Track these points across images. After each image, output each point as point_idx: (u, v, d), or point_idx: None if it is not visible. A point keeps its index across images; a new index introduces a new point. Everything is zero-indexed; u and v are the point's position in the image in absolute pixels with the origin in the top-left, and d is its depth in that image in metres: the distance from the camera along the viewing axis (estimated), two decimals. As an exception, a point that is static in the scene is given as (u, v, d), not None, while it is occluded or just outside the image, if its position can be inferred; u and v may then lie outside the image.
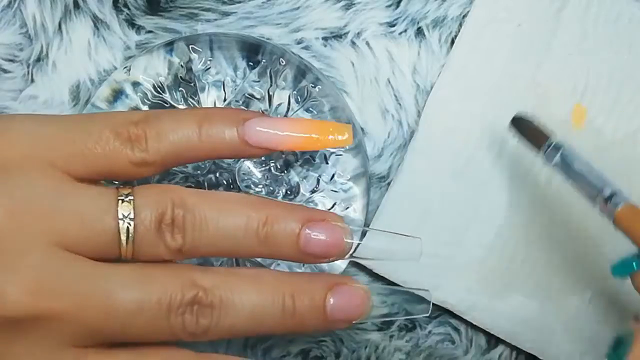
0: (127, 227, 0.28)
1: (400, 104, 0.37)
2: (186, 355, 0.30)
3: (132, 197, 0.28)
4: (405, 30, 0.37)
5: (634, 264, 0.31)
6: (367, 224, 0.37)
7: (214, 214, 0.29)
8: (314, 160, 0.36)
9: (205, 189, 0.36)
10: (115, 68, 0.37)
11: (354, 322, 0.31)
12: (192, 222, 0.29)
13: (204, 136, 0.29)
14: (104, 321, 0.28)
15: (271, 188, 0.36)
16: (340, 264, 0.36)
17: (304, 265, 0.36)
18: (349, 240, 0.30)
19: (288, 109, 0.36)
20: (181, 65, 0.36)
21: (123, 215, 0.28)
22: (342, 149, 0.36)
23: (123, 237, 0.28)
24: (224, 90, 0.36)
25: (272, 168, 0.36)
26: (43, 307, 0.27)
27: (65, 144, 0.29)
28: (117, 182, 0.32)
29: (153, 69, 0.36)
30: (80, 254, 0.28)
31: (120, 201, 0.28)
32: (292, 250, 0.30)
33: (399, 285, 0.37)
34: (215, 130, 0.30)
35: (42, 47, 0.36)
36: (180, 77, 0.36)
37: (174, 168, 0.35)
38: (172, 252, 0.29)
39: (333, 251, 0.30)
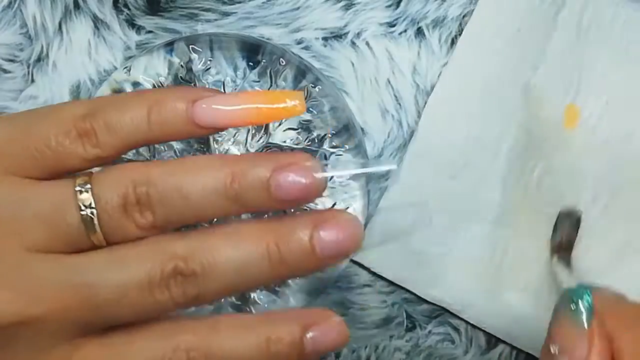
0: (90, 217, 0.28)
1: (400, 104, 0.37)
2: (178, 324, 0.30)
3: (89, 186, 0.28)
4: (405, 31, 0.37)
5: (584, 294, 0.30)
6: (367, 224, 0.37)
7: (178, 183, 0.28)
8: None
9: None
10: (116, 68, 0.37)
11: (348, 256, 0.30)
12: (159, 197, 0.28)
13: (154, 123, 0.29)
14: (88, 314, 0.28)
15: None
16: (341, 264, 0.36)
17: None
18: (320, 177, 0.29)
19: (288, 109, 0.36)
20: (181, 66, 0.36)
21: (84, 205, 0.28)
22: (342, 149, 0.36)
23: (89, 227, 0.28)
24: (224, 90, 0.36)
25: (272, 168, 0.36)
26: (25, 312, 0.27)
27: (17, 150, 0.28)
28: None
29: (153, 69, 0.36)
30: (55, 251, 0.28)
31: (78, 192, 0.28)
32: (266, 200, 0.29)
33: (400, 286, 0.37)
34: (163, 115, 0.29)
35: (42, 47, 0.36)
36: (181, 77, 0.36)
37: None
38: (145, 230, 0.28)
39: (307, 192, 0.29)
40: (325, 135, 0.36)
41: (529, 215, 0.37)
